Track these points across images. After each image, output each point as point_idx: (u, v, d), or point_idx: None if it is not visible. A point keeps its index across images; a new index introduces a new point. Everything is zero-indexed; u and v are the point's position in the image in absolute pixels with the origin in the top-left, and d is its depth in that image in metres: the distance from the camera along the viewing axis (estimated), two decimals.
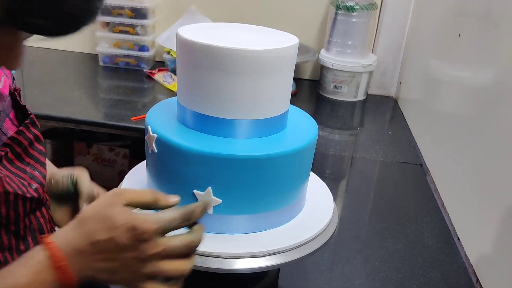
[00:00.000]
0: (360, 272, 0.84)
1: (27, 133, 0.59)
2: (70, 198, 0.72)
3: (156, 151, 0.61)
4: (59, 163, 0.74)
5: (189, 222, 0.52)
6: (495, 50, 0.91)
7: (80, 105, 1.41)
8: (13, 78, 0.63)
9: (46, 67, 1.69)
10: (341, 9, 1.58)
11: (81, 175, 0.72)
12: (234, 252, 0.58)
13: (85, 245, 0.49)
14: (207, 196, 0.58)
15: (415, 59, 1.56)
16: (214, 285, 0.69)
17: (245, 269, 0.58)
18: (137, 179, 0.71)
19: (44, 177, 0.61)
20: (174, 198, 0.54)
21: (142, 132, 0.65)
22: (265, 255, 0.59)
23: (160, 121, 0.63)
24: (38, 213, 0.60)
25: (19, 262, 0.49)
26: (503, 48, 0.87)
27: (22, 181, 0.57)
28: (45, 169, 0.62)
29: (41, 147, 0.62)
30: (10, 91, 0.61)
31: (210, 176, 0.58)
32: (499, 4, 0.92)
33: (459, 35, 1.10)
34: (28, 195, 0.56)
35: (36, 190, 0.58)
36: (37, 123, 0.62)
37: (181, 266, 0.52)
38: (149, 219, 0.49)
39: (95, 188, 0.73)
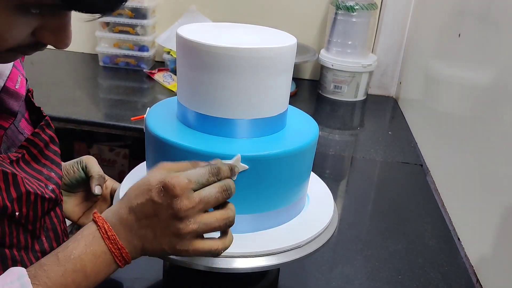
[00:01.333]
0: (360, 272, 0.84)
1: (43, 135, 0.60)
2: (81, 185, 0.74)
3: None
4: None
5: (218, 178, 0.53)
6: (495, 50, 0.91)
7: (80, 105, 1.41)
8: (26, 79, 0.63)
9: (46, 67, 1.69)
10: (341, 9, 1.58)
11: (90, 160, 0.73)
12: (234, 251, 0.58)
13: (127, 213, 0.51)
14: (236, 162, 0.57)
15: (415, 59, 1.56)
16: (214, 285, 0.69)
17: (245, 269, 0.58)
18: (137, 179, 0.71)
19: (60, 178, 0.61)
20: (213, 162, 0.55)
21: (142, 132, 0.65)
22: (265, 255, 0.59)
23: (160, 120, 0.63)
24: (52, 213, 0.61)
25: (71, 238, 0.51)
26: (503, 48, 0.87)
27: (39, 182, 0.57)
28: (61, 169, 0.62)
29: (56, 148, 0.62)
30: (25, 91, 0.61)
31: None
32: (499, 4, 0.92)
33: (459, 35, 1.10)
34: (47, 196, 0.56)
35: (52, 191, 0.59)
36: (52, 124, 0.62)
37: (223, 214, 0.53)
38: (178, 175, 0.50)
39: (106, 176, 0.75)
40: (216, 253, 0.53)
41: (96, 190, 0.71)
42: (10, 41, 0.45)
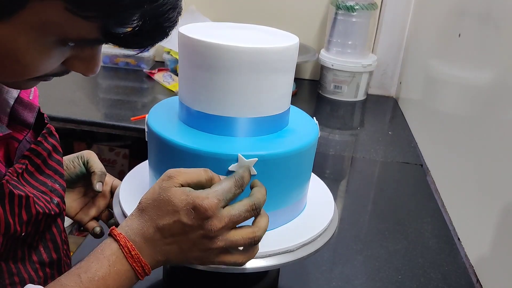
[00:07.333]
0: (360, 272, 0.84)
1: (45, 144, 0.57)
2: (80, 181, 0.73)
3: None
4: None
5: (242, 188, 0.53)
6: (495, 50, 0.91)
7: (80, 105, 1.41)
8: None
9: None
10: (341, 9, 1.58)
11: (91, 155, 0.72)
12: None
13: (152, 232, 0.50)
14: (246, 162, 0.57)
15: (415, 59, 1.56)
16: (214, 285, 0.69)
17: (245, 269, 0.58)
18: (137, 179, 0.71)
19: (64, 189, 0.60)
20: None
21: (142, 132, 0.65)
22: (265, 255, 0.59)
23: (162, 120, 0.63)
24: (53, 225, 0.59)
25: (90, 258, 0.50)
26: (503, 48, 0.87)
27: (45, 196, 0.55)
28: (64, 180, 0.61)
29: (59, 158, 0.60)
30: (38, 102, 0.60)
31: None
32: (499, 4, 0.92)
33: (459, 35, 1.10)
34: (52, 212, 0.55)
35: (57, 204, 0.57)
36: (55, 133, 0.60)
37: (249, 233, 0.52)
38: (208, 195, 0.50)
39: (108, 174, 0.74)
40: (240, 265, 0.54)
41: (98, 186, 0.70)
42: (41, 71, 0.44)
